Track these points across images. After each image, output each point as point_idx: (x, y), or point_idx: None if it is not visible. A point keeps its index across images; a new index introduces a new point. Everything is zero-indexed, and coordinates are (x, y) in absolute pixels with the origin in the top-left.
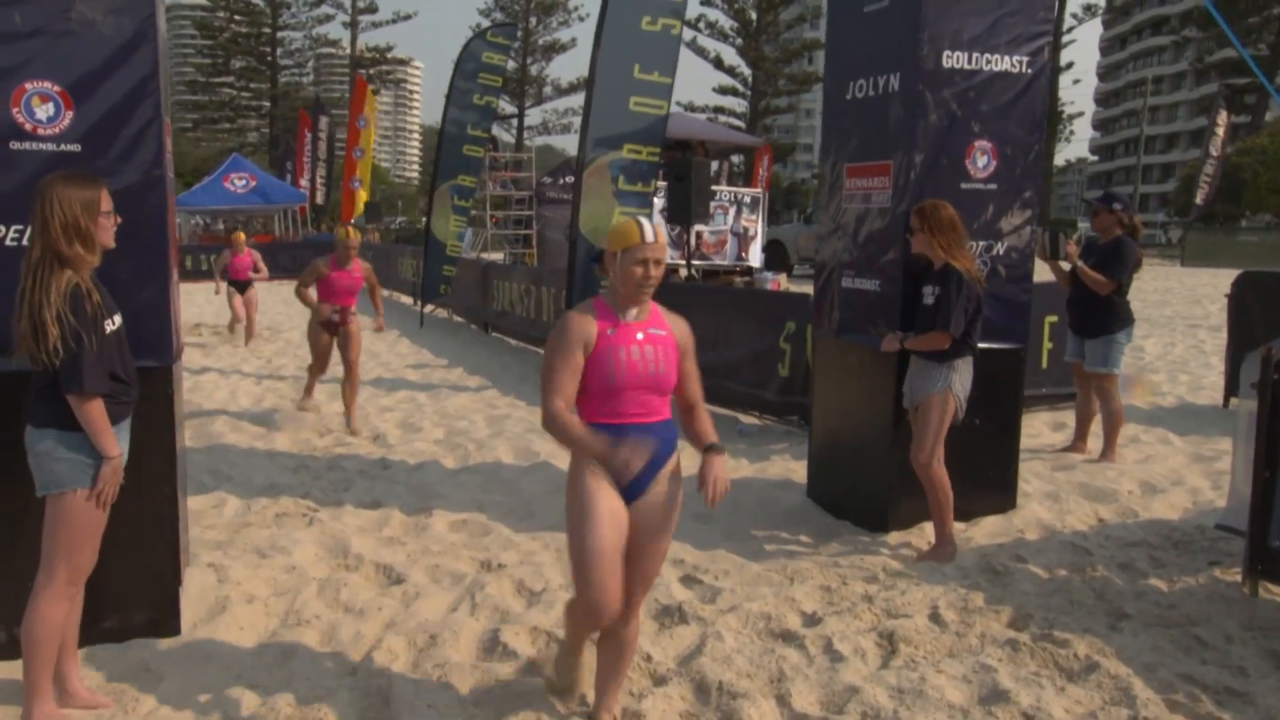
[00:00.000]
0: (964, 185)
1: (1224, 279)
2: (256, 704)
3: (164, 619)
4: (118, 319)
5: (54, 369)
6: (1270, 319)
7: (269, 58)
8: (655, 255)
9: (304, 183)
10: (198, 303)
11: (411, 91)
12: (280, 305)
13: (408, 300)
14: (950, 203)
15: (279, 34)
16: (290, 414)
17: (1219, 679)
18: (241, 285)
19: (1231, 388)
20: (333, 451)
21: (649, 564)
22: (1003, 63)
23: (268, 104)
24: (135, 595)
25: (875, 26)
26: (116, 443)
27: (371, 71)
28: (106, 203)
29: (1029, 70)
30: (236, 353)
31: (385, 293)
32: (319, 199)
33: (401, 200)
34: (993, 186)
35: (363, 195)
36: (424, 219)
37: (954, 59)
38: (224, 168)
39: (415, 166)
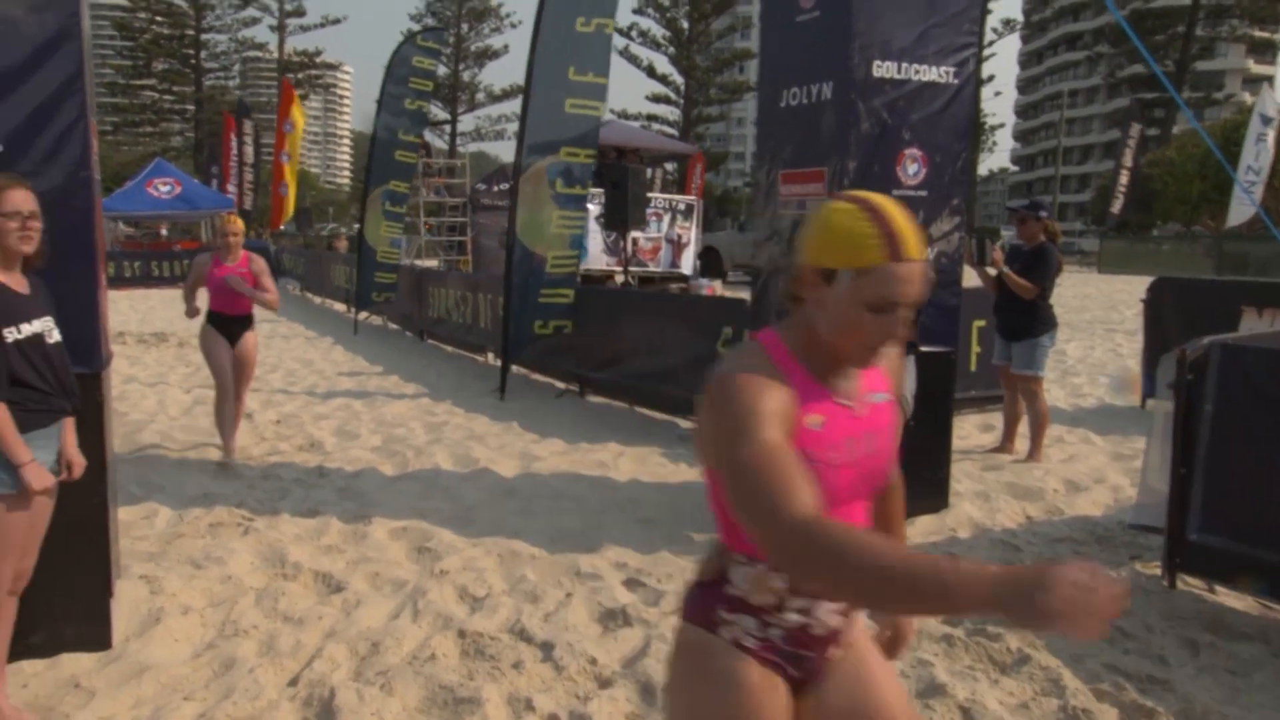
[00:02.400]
0: (895, 192)
1: (1138, 285)
2: (194, 716)
3: (94, 633)
4: (31, 326)
5: None
6: (1183, 323)
7: (193, 60)
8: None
9: (231, 188)
10: (122, 311)
11: (341, 96)
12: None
13: (341, 307)
14: None
15: (203, 36)
16: None
17: (1141, 668)
18: (233, 323)
19: (1148, 389)
20: (267, 460)
21: None
22: (931, 73)
23: (192, 107)
24: (64, 608)
25: (807, 36)
26: (25, 449)
27: (300, 76)
28: (10, 204)
29: (956, 80)
30: (164, 362)
31: (318, 300)
32: (247, 204)
33: (333, 206)
34: (923, 193)
35: (290, 200)
36: (355, 225)
37: (884, 68)
38: (147, 172)
39: (346, 172)
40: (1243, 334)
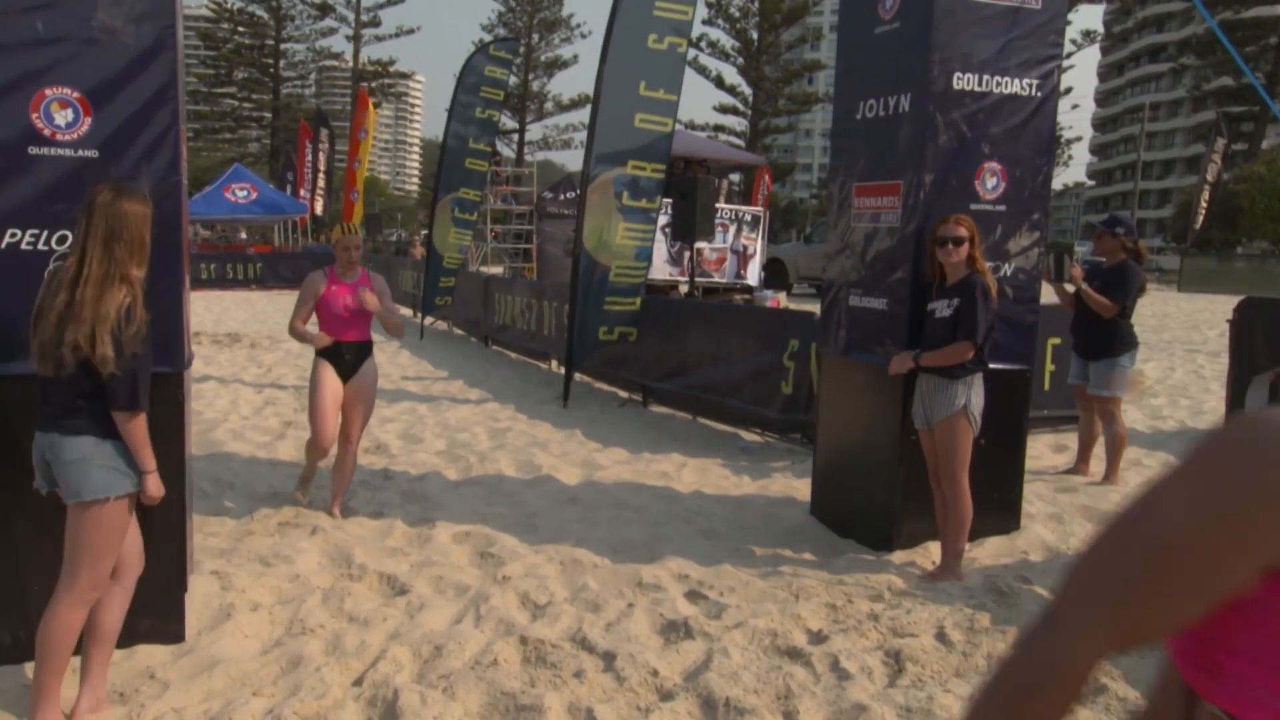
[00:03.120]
0: (973, 206)
1: (1221, 305)
2: (262, 712)
3: (169, 626)
4: None
5: (99, 382)
6: (1273, 345)
7: (271, 69)
8: None
9: (304, 193)
10: (197, 312)
11: (413, 105)
12: (281, 315)
13: (408, 312)
14: None
15: (282, 46)
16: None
17: None
18: (347, 352)
19: (1232, 412)
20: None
21: None
22: (1013, 85)
23: (269, 115)
24: (140, 601)
25: (886, 48)
26: (153, 457)
27: (373, 84)
28: None
29: (1039, 93)
30: (236, 362)
31: None
32: (319, 210)
33: (401, 213)
34: (1001, 208)
35: (360, 206)
36: (423, 231)
37: (964, 81)
38: (225, 177)
39: (415, 179)
40: None
